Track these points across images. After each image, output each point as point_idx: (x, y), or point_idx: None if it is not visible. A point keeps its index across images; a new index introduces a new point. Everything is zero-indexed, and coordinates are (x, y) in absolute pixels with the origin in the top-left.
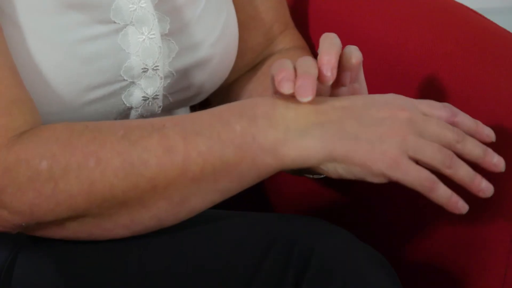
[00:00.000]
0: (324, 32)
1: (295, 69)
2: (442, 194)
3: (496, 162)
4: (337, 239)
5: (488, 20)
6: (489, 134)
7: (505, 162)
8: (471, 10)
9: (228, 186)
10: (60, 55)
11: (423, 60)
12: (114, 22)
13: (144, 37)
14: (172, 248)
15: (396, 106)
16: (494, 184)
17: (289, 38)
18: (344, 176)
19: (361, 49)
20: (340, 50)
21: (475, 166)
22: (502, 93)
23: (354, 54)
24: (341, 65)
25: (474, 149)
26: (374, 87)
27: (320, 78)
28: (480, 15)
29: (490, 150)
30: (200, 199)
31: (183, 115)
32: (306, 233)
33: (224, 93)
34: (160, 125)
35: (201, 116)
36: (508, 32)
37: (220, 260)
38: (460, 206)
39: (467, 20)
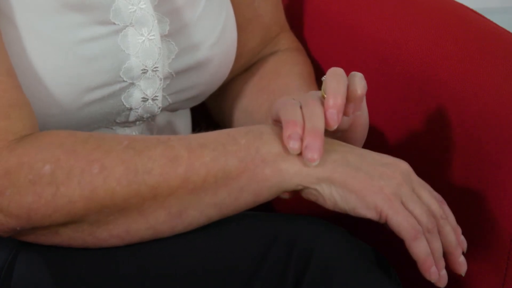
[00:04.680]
0: (323, 33)
1: (302, 114)
2: (422, 248)
3: (461, 262)
4: (337, 239)
5: (488, 20)
6: (463, 245)
7: (504, 161)
8: (471, 10)
9: (227, 201)
10: (60, 56)
11: (423, 60)
12: (114, 23)
13: (143, 38)
14: (172, 248)
15: (398, 160)
16: (493, 184)
17: (285, 40)
18: (338, 203)
19: (360, 49)
20: (346, 85)
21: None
22: (502, 93)
23: (359, 86)
24: (347, 98)
25: (451, 235)
26: (374, 87)
27: (325, 121)
28: (480, 15)
29: (462, 248)
30: (198, 213)
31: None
32: (306, 233)
33: (219, 94)
34: (166, 138)
35: (206, 133)
36: (508, 32)
37: (220, 260)
38: (433, 271)
39: (467, 20)
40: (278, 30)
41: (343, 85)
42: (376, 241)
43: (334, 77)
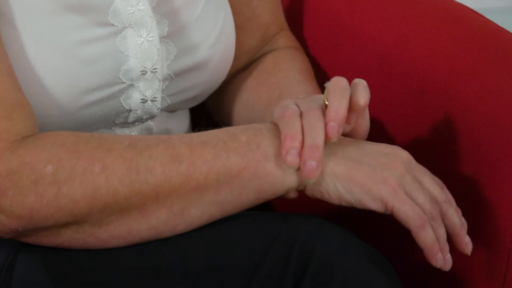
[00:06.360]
0: (323, 33)
1: (301, 125)
2: (429, 236)
3: (467, 241)
4: (337, 239)
5: (488, 20)
6: (465, 226)
7: (504, 162)
8: (471, 10)
9: (229, 199)
10: (59, 57)
11: (423, 60)
12: (113, 25)
13: (142, 39)
14: (172, 248)
15: (397, 149)
16: (493, 184)
17: (284, 39)
18: (343, 197)
19: (360, 49)
20: (349, 96)
21: None
22: (502, 93)
23: (363, 96)
24: (349, 107)
25: (455, 217)
26: (374, 87)
27: (325, 133)
28: (480, 15)
29: (465, 229)
30: (200, 211)
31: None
32: (306, 233)
33: (219, 92)
34: (166, 137)
35: (206, 131)
36: (508, 32)
37: (220, 260)
38: (438, 258)
39: (467, 20)
40: (277, 29)
41: (346, 98)
42: (376, 240)
43: (337, 89)
